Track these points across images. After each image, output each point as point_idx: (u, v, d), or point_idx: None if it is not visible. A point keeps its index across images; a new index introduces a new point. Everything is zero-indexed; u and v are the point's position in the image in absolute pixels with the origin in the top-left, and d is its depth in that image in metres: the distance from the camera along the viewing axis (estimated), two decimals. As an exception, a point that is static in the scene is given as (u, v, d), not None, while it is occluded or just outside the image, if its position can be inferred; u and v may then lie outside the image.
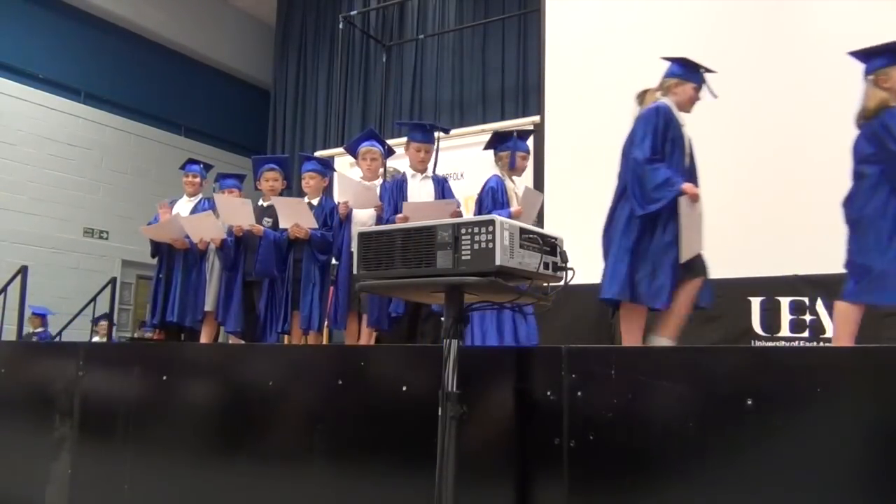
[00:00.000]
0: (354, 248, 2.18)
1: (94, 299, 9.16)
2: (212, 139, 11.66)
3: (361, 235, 2.15)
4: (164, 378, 3.19)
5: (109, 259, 10.44)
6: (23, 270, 7.73)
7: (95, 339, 8.99)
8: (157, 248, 5.06)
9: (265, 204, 4.93)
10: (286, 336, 4.69)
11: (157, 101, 11.31)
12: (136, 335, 10.19)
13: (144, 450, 3.19)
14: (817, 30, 5.76)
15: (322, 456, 2.68)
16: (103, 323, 9.08)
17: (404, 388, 2.51)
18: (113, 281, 9.39)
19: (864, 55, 3.47)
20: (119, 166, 10.66)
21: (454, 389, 1.99)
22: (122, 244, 10.54)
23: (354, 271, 2.19)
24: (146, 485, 3.15)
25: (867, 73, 3.44)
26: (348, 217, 4.55)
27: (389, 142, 5.15)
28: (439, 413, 2.00)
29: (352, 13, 10.01)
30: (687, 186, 3.38)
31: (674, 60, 3.71)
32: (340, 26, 9.63)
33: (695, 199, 3.41)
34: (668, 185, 3.35)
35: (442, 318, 2.28)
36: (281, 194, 4.98)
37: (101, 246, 10.41)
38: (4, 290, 7.92)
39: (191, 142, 11.36)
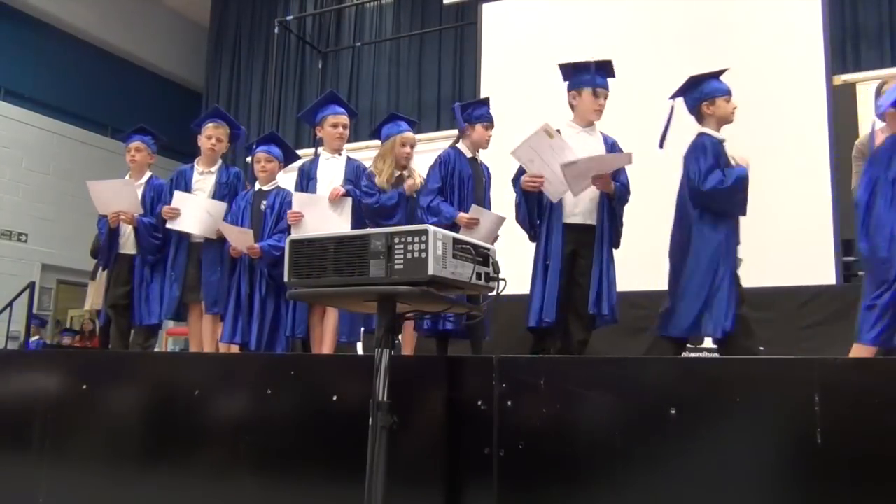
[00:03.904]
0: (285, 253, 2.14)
1: (10, 304, 8.79)
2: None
3: (293, 242, 2.12)
4: (84, 387, 3.08)
5: (28, 263, 10.03)
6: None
7: None
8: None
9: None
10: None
11: (82, 100, 10.95)
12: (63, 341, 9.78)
13: (62, 462, 3.07)
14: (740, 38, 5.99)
15: (249, 467, 2.63)
16: None
17: (334, 398, 2.49)
18: (31, 285, 9.03)
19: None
20: (40, 166, 10.27)
21: (385, 399, 1.99)
22: (41, 247, 10.15)
23: (285, 279, 2.16)
24: (62, 498, 3.03)
25: None
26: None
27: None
28: (370, 423, 1.99)
29: (288, 18, 9.91)
30: None
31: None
32: (276, 31, 9.53)
33: None
34: None
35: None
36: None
37: (18, 249, 10.00)
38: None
39: (117, 143, 11.03)
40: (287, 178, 4.74)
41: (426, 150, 7.72)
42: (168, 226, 4.46)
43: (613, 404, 2.13)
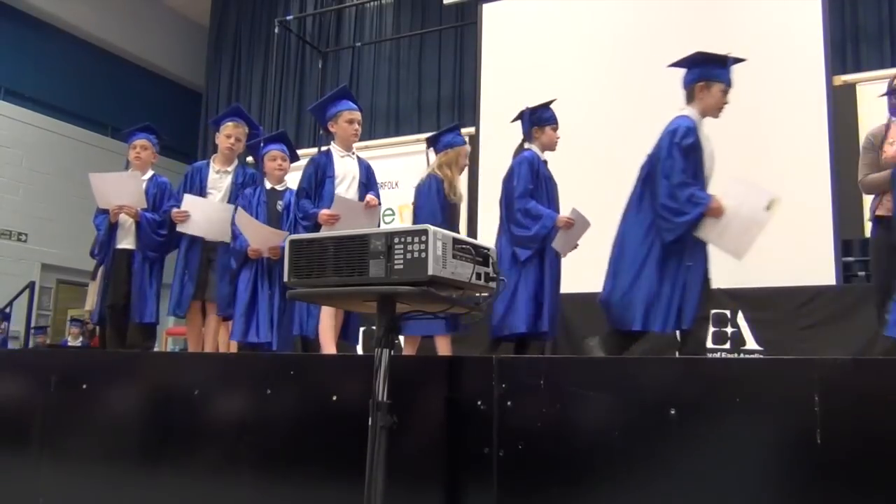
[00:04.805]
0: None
1: (10, 304, 8.80)
2: (140, 141, 11.33)
3: (293, 242, 2.12)
4: (84, 387, 3.08)
5: (28, 262, 10.03)
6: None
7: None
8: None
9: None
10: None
11: (82, 100, 10.95)
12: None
13: (61, 462, 3.07)
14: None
15: (249, 467, 2.63)
16: None
17: (334, 398, 2.49)
18: (31, 285, 9.04)
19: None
20: (41, 166, 10.26)
21: (385, 399, 1.98)
22: (41, 247, 10.15)
23: (285, 279, 2.15)
24: (62, 498, 3.03)
25: None
26: None
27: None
28: (369, 423, 1.99)
29: (288, 18, 9.91)
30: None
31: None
32: (276, 31, 9.52)
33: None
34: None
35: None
36: None
37: (18, 248, 10.00)
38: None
39: (117, 143, 11.05)
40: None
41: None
42: (179, 229, 4.46)
43: (613, 404, 2.13)
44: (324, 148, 4.46)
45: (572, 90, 6.70)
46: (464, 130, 7.86)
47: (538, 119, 4.29)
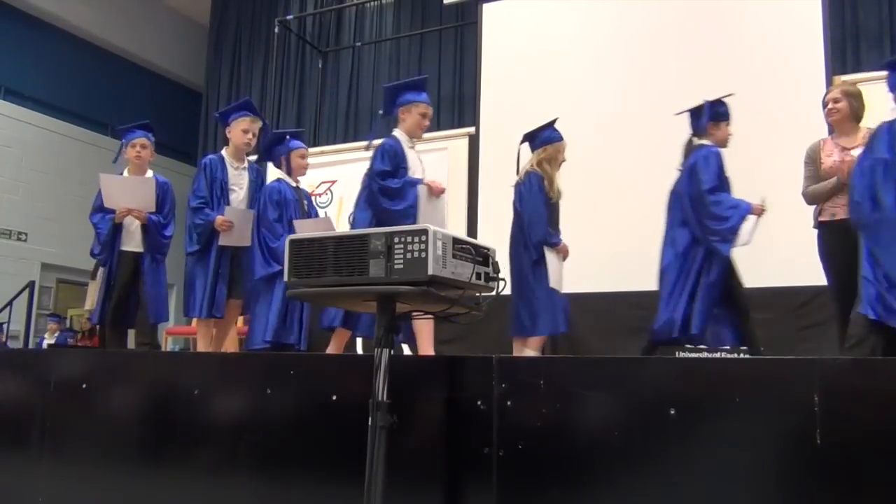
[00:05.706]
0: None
1: (10, 303, 8.80)
2: (140, 140, 11.32)
3: (293, 242, 2.12)
4: (84, 387, 3.08)
5: (28, 262, 10.03)
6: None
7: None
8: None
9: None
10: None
11: (83, 99, 10.95)
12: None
13: (61, 462, 3.07)
14: (745, 43, 5.98)
15: (249, 466, 2.63)
16: None
17: (334, 398, 2.49)
18: (31, 285, 9.03)
19: None
20: (40, 166, 10.25)
21: (384, 399, 1.99)
22: (41, 246, 10.14)
23: (285, 278, 2.16)
24: (62, 498, 3.03)
25: None
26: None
27: (324, 148, 5.02)
28: (369, 423, 1.99)
29: (288, 17, 9.91)
30: None
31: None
32: (276, 30, 9.52)
33: None
34: None
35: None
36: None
37: (18, 248, 9.99)
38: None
39: (117, 142, 11.03)
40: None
41: (427, 150, 7.73)
42: (221, 242, 4.43)
43: (613, 404, 2.13)
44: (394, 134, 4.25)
45: (572, 90, 6.70)
46: (464, 130, 7.91)
47: (716, 114, 4.13)
